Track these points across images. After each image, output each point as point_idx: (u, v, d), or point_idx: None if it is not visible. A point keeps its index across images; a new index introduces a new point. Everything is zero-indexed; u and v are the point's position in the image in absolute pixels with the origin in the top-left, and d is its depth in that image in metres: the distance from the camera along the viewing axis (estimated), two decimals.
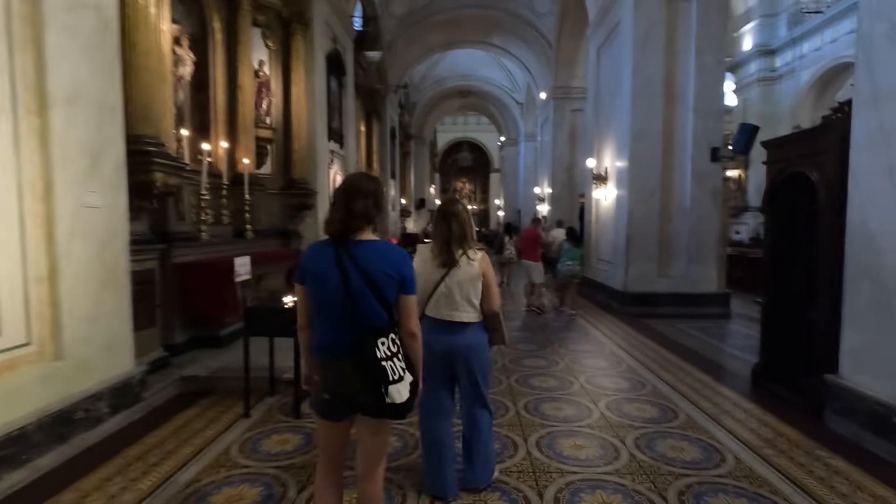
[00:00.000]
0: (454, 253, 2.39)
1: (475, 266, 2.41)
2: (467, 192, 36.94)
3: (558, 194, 15.40)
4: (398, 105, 18.22)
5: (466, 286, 2.39)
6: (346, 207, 1.71)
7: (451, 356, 2.43)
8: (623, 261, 8.09)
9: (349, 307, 1.66)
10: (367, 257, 1.69)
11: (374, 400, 1.65)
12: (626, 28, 8.12)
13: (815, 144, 3.67)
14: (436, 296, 2.40)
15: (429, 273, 2.39)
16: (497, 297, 2.51)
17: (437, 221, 2.47)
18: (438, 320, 2.42)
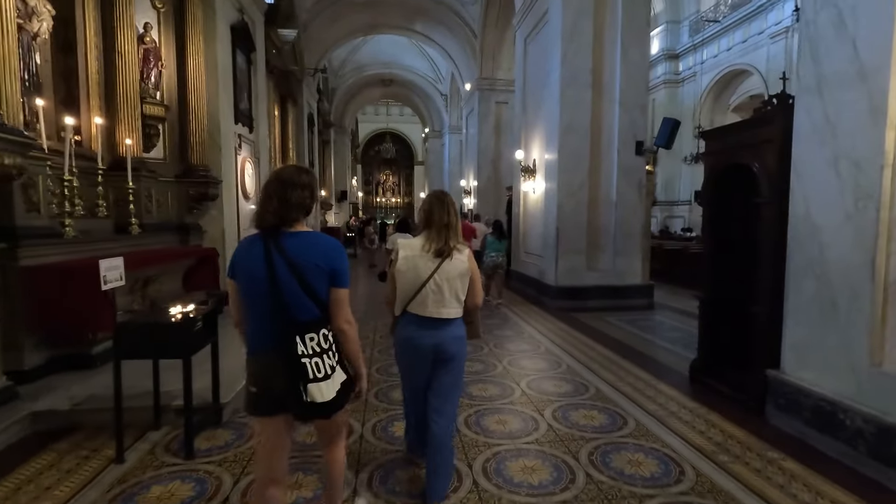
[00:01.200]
0: (450, 242, 2.34)
1: (465, 262, 2.37)
2: (391, 185, 36.17)
3: (484, 187, 15.24)
4: (316, 90, 17.09)
5: (455, 283, 2.34)
6: (281, 199, 1.68)
7: (438, 352, 2.36)
8: (553, 254, 7.98)
9: (274, 301, 1.62)
10: (297, 249, 1.66)
11: (297, 398, 1.61)
12: (554, 18, 7.96)
13: (757, 135, 3.58)
14: (423, 293, 2.30)
15: (418, 268, 2.31)
16: (480, 292, 2.52)
17: (433, 209, 2.38)
18: (424, 317, 2.34)
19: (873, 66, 2.74)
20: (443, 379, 2.41)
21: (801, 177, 3.22)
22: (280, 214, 1.68)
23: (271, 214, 1.67)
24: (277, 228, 1.67)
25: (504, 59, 14.37)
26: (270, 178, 1.75)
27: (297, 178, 1.73)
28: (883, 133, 2.69)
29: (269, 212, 1.67)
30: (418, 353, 2.36)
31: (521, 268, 9.79)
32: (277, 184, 1.71)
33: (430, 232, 2.37)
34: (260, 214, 1.70)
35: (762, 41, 15.17)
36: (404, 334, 2.37)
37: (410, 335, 2.34)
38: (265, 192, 1.73)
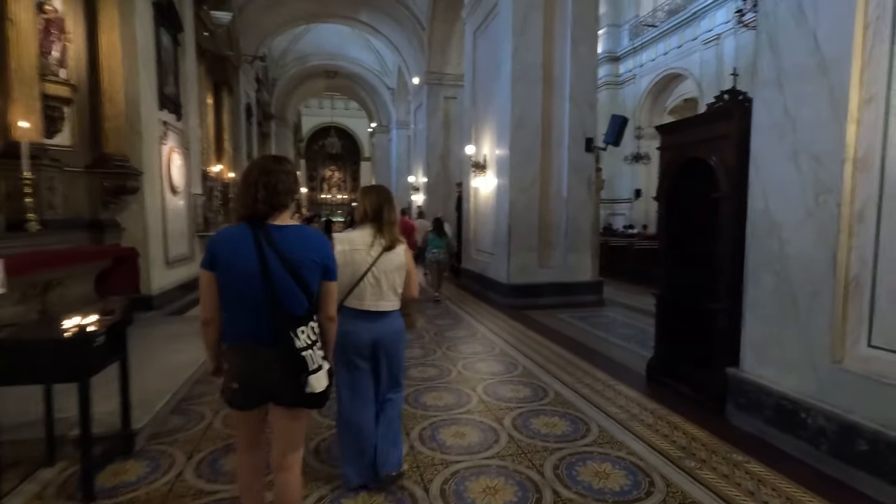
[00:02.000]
0: (395, 235, 2.40)
1: (401, 255, 2.42)
2: (336, 181, 35.15)
3: (433, 183, 14.97)
4: (255, 80, 16.12)
5: (393, 275, 2.38)
6: (269, 187, 1.67)
7: (376, 344, 2.40)
8: (505, 252, 7.83)
9: (268, 295, 1.61)
10: (290, 243, 1.67)
11: (294, 390, 1.64)
12: (504, 11, 7.79)
13: (714, 129, 3.52)
14: (361, 286, 2.33)
15: (356, 262, 2.32)
16: (416, 285, 2.57)
17: (383, 203, 2.41)
18: (361, 311, 2.36)
19: (834, 59, 2.69)
20: (384, 370, 2.48)
21: (760, 171, 3.16)
22: (270, 203, 1.67)
23: (261, 203, 1.66)
24: (264, 220, 1.67)
25: (453, 53, 14.13)
26: (253, 166, 1.75)
27: (282, 165, 1.74)
28: (844, 127, 2.64)
29: (259, 201, 1.66)
30: (358, 346, 2.36)
31: (473, 265, 9.60)
32: (259, 172, 1.70)
33: (376, 226, 2.37)
34: (247, 204, 1.67)
35: (696, 47, 15.84)
36: (343, 328, 2.26)
37: (348, 329, 2.31)
38: (247, 181, 1.70)
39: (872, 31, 2.54)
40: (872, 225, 2.55)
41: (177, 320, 6.19)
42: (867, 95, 2.57)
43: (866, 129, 2.58)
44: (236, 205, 1.76)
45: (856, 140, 2.62)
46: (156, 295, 6.46)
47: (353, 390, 2.44)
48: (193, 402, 3.68)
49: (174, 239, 7.17)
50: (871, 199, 2.55)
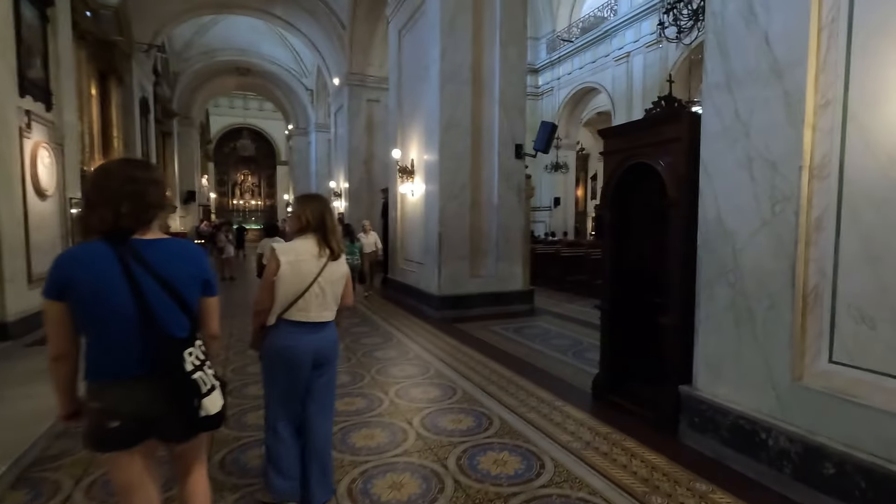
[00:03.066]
0: (340, 244, 2.35)
1: (344, 264, 2.39)
2: (249, 186, 32.97)
3: (356, 189, 14.27)
4: (153, 72, 14.47)
5: (337, 285, 2.35)
6: (135, 199, 1.46)
7: (318, 356, 2.31)
8: (435, 261, 7.43)
9: (144, 320, 1.44)
10: (164, 260, 1.50)
11: (187, 417, 1.49)
12: (431, 10, 7.44)
13: (661, 132, 3.36)
14: (307, 297, 2.24)
15: (302, 272, 2.22)
16: (352, 293, 2.52)
17: (325, 212, 2.33)
18: (305, 323, 2.26)
19: (788, 62, 2.58)
20: (319, 382, 2.37)
21: (711, 178, 3.02)
22: (138, 217, 1.48)
23: (127, 217, 1.45)
24: (128, 236, 1.46)
25: (376, 54, 13.60)
26: (113, 172, 1.51)
27: (150, 173, 1.56)
28: (800, 132, 2.53)
29: (124, 214, 1.45)
30: (299, 360, 2.26)
31: (400, 276, 9.10)
32: (125, 180, 1.48)
33: (320, 235, 2.28)
34: (106, 219, 1.44)
35: (608, 63, 16.65)
36: (282, 343, 2.23)
37: (289, 343, 2.22)
38: (104, 189, 1.47)
39: (827, 33, 2.44)
40: (832, 235, 2.44)
41: (40, 353, 5.06)
42: (823, 100, 2.47)
43: (823, 135, 2.47)
44: (89, 218, 1.46)
45: (812, 146, 2.51)
46: (12, 321, 5.28)
47: (285, 408, 2.34)
48: (48, 468, 2.84)
49: (40, 251, 5.95)
50: (829, 207, 2.44)
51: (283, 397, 2.32)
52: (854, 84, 2.34)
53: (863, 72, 2.31)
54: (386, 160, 11.13)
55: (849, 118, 2.37)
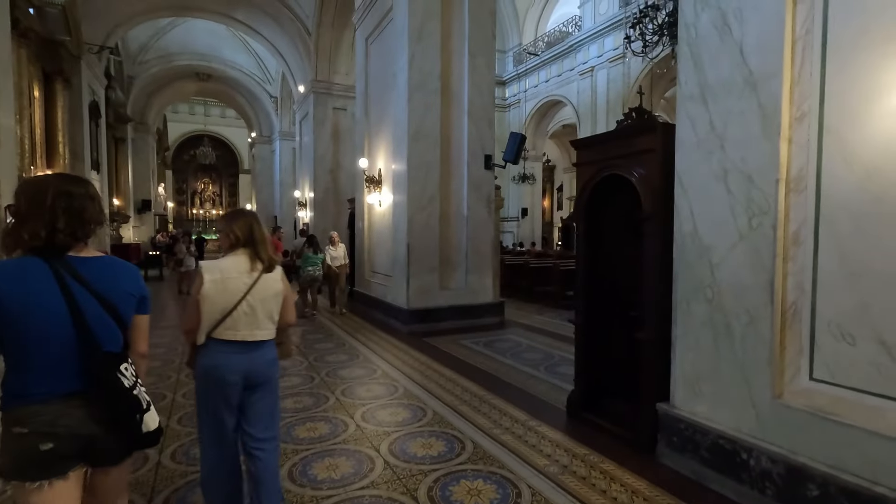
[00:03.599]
0: (272, 254, 2.26)
1: (279, 281, 2.28)
2: (210, 195, 31.87)
3: (322, 199, 13.90)
4: (105, 74, 13.74)
5: (270, 303, 2.23)
6: (71, 214, 1.45)
7: (250, 377, 2.18)
8: (404, 274, 7.22)
9: (82, 337, 1.43)
10: (102, 277, 1.50)
11: (126, 434, 1.49)
12: (399, 17, 7.31)
13: (634, 143, 3.29)
14: (235, 315, 2.13)
15: (228, 290, 2.12)
16: (293, 311, 2.43)
17: (254, 228, 2.23)
18: (234, 342, 2.15)
19: (763, 74, 2.54)
20: (258, 406, 2.24)
21: (687, 191, 2.96)
22: (74, 233, 1.46)
23: (62, 233, 1.43)
24: (63, 252, 1.45)
25: (342, 61, 13.37)
26: (46, 186, 1.46)
27: (86, 188, 1.53)
28: (777, 145, 2.49)
29: (60, 230, 1.42)
30: (227, 381, 2.14)
31: (368, 289, 8.82)
32: (60, 194, 1.45)
33: (251, 250, 2.20)
34: (36, 234, 1.41)
35: (573, 77, 16.96)
36: (210, 362, 2.15)
37: (217, 363, 2.14)
38: (37, 203, 1.43)
39: (802, 45, 2.42)
40: (810, 249, 2.40)
41: None
42: (799, 112, 2.43)
43: (799, 148, 2.44)
44: (18, 232, 1.42)
45: (788, 159, 2.47)
46: None
47: (218, 433, 2.19)
48: None
49: None
50: (807, 221, 2.40)
51: (214, 421, 2.19)
52: (829, 96, 2.31)
53: (838, 84, 2.28)
54: (353, 169, 10.87)
55: (825, 130, 2.33)
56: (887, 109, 2.13)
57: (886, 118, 2.13)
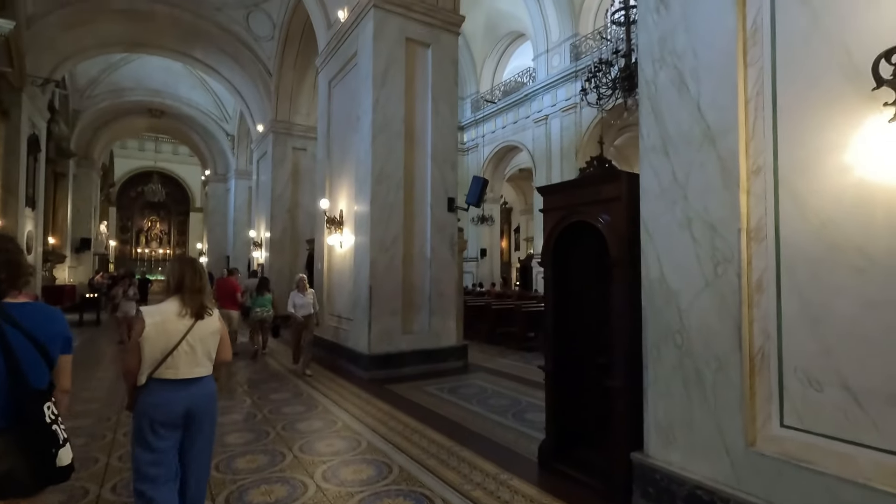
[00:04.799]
0: (205, 304, 2.42)
1: (216, 321, 2.47)
2: (157, 233, 30.45)
3: (279, 239, 13.53)
4: (48, 107, 13.09)
5: (208, 341, 2.41)
6: (9, 267, 1.67)
7: (191, 412, 2.33)
8: (365, 317, 7.00)
9: (12, 375, 1.57)
10: (34, 321, 1.67)
11: (40, 468, 1.59)
12: (364, 62, 7.43)
13: (600, 191, 3.38)
14: (175, 355, 2.29)
15: (169, 332, 2.29)
16: (229, 349, 2.58)
17: (186, 274, 2.42)
18: (175, 380, 2.30)
19: (720, 129, 2.69)
20: (196, 440, 2.38)
21: (653, 238, 3.03)
22: (12, 283, 1.68)
23: (4, 284, 1.65)
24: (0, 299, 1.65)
25: (303, 103, 13.39)
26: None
27: (17, 244, 1.76)
28: (736, 196, 2.60)
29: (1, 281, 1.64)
30: (169, 417, 2.28)
31: (327, 333, 8.49)
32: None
33: (183, 296, 2.38)
34: None
35: (528, 124, 17.69)
36: (152, 401, 2.27)
37: (157, 401, 2.26)
38: None
39: (754, 105, 2.58)
40: (773, 296, 2.47)
41: None
42: (755, 166, 2.57)
43: (757, 200, 2.56)
44: None
45: (748, 209, 2.59)
46: None
47: (156, 469, 2.27)
48: None
49: None
50: (769, 269, 2.49)
51: (152, 459, 2.27)
52: (783, 151, 2.46)
53: (789, 141, 2.43)
54: (311, 209, 10.70)
55: (780, 183, 2.46)
56: (834, 166, 2.28)
57: (835, 174, 2.27)
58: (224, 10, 12.31)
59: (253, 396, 5.89)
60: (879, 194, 2.13)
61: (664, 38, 3.02)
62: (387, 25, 7.22)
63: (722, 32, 2.71)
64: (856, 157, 2.19)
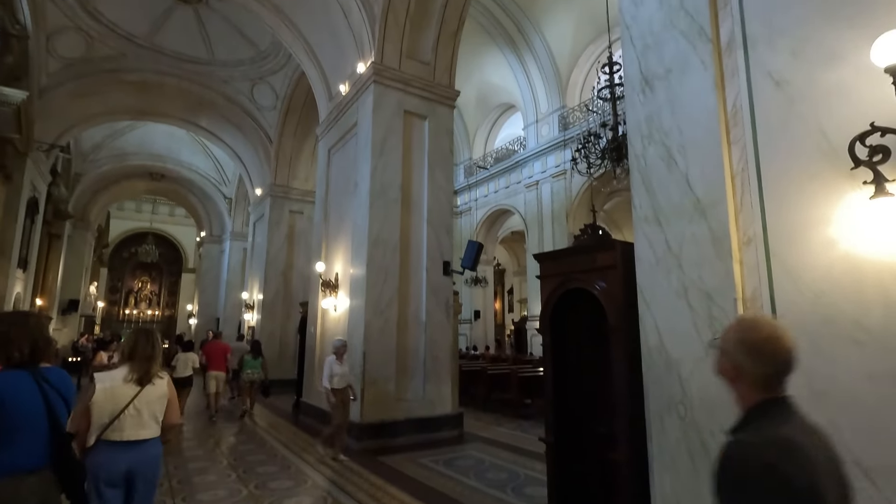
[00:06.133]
0: (151, 371, 2.63)
1: (164, 386, 2.68)
2: (147, 294, 30.07)
3: (272, 301, 13.41)
4: (50, 171, 13.36)
5: (154, 405, 2.60)
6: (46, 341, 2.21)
7: (132, 472, 2.49)
8: (358, 383, 6.81)
9: (50, 423, 2.03)
10: (59, 381, 2.16)
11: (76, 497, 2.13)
12: (363, 132, 7.77)
13: (596, 259, 3.44)
14: (122, 418, 2.48)
15: (117, 396, 2.50)
16: (177, 412, 2.79)
17: (138, 344, 2.66)
18: (120, 442, 2.48)
19: (710, 202, 2.80)
20: (135, 499, 2.51)
21: (650, 306, 3.06)
22: (45, 352, 2.19)
23: (41, 353, 2.15)
24: (38, 364, 2.12)
25: (301, 168, 13.79)
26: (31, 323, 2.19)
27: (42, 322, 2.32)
28: (730, 266, 2.66)
29: (39, 349, 2.15)
30: (113, 477, 2.44)
31: (317, 400, 8.21)
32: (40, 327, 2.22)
33: (133, 363, 2.61)
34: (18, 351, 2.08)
35: (520, 188, 18.23)
36: (98, 460, 2.42)
37: (103, 461, 2.42)
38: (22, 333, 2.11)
39: (740, 179, 2.71)
40: None
41: None
42: (745, 237, 2.65)
43: (750, 270, 2.62)
44: (9, 352, 2.07)
45: (742, 279, 2.64)
46: None
47: None
48: None
49: None
50: None
51: None
52: (771, 224, 2.55)
53: (777, 214, 2.53)
54: (306, 272, 10.72)
55: (771, 255, 2.53)
56: (821, 240, 2.36)
57: (822, 247, 2.35)
58: (231, 83, 12.96)
59: (238, 470, 5.59)
60: (867, 267, 2.19)
61: (651, 117, 3.21)
62: (386, 99, 7.62)
63: (705, 113, 2.90)
64: (841, 231, 2.28)
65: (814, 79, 2.43)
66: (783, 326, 1.32)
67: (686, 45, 3.04)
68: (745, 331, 1.29)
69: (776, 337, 1.24)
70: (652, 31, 3.26)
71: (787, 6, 2.59)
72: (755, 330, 1.27)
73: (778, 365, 1.24)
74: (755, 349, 1.24)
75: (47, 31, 10.35)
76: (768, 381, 1.25)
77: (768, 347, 1.23)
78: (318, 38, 9.23)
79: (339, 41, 8.59)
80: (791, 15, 2.57)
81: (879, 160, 2.10)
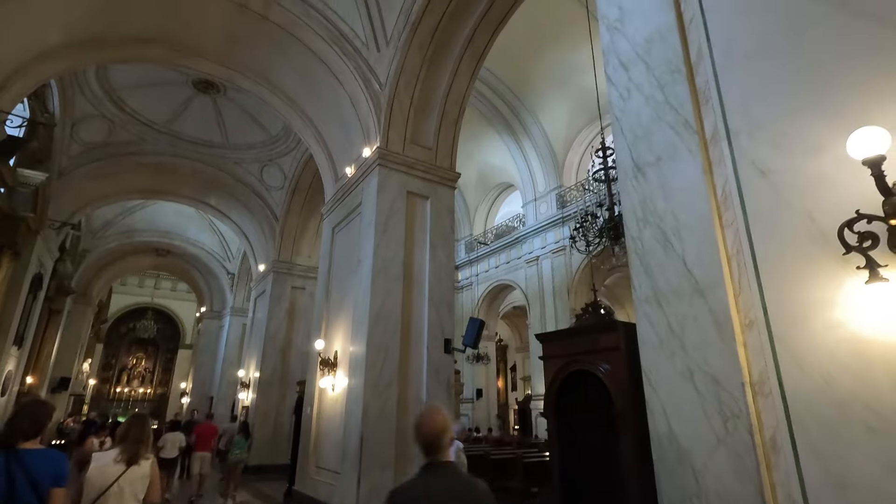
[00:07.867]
0: (139, 452, 2.89)
1: (147, 468, 2.93)
2: (141, 371, 29.31)
3: (268, 379, 13.05)
4: (59, 248, 13.61)
5: (136, 484, 2.84)
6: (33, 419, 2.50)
7: None
8: (355, 470, 6.46)
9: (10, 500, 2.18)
10: (34, 462, 2.33)
11: None
12: (367, 211, 8.01)
13: (598, 341, 3.41)
14: (107, 495, 2.72)
15: (106, 475, 2.77)
16: (158, 492, 3.02)
17: (131, 429, 2.97)
18: None
19: (708, 283, 2.82)
20: None
21: (656, 389, 2.99)
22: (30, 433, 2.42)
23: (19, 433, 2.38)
24: (14, 445, 2.32)
25: (305, 245, 14.03)
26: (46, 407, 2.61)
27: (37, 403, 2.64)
28: (734, 349, 2.63)
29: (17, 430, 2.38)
30: None
31: (311, 489, 7.74)
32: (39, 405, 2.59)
33: (124, 444, 2.89)
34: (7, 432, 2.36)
35: (520, 264, 18.40)
36: None
37: None
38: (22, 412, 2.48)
39: (736, 262, 2.75)
40: (790, 457, 2.36)
41: None
42: (747, 320, 2.64)
43: (754, 353, 2.58)
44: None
45: (748, 363, 2.60)
46: None
47: None
48: None
49: None
50: (780, 426, 2.41)
51: None
52: (771, 306, 2.55)
53: (776, 297, 2.54)
54: (305, 349, 10.55)
55: (775, 338, 2.51)
56: (823, 322, 2.35)
57: (825, 329, 2.34)
58: (242, 164, 13.58)
59: None
60: (874, 349, 2.17)
61: (644, 201, 3.33)
62: (390, 181, 7.94)
63: (696, 198, 3.00)
64: (843, 313, 2.28)
65: (797, 168, 2.55)
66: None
67: (673, 135, 3.22)
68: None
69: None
70: (641, 124, 3.46)
71: (763, 100, 2.77)
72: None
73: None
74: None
75: (73, 119, 11.02)
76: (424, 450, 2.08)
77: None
78: (327, 125, 9.81)
79: (347, 128, 9.13)
80: (768, 109, 2.74)
81: (869, 246, 2.15)
